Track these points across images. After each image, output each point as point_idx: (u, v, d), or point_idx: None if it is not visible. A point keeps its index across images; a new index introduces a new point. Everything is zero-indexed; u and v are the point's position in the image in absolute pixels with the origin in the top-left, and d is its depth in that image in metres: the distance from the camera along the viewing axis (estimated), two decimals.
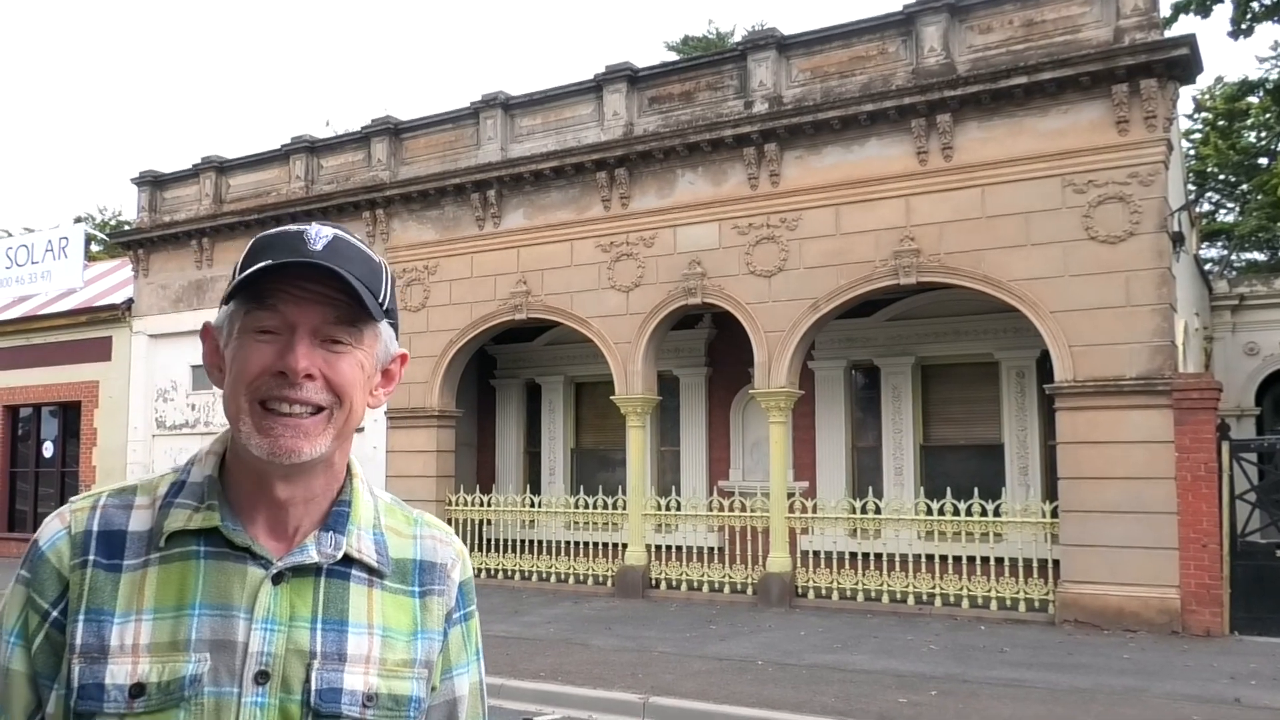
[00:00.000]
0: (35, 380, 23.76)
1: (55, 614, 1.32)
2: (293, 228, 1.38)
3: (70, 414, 23.48)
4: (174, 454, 21.09)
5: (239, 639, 1.30)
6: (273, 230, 1.39)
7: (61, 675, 1.29)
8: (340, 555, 1.39)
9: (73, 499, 1.42)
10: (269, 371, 1.32)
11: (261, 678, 1.29)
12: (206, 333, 1.44)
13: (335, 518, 1.42)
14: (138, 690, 1.26)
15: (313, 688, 1.31)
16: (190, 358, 21.35)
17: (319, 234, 1.36)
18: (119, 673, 1.27)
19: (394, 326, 1.44)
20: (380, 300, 1.38)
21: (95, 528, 1.36)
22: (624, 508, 16.45)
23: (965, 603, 14.00)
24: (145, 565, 1.33)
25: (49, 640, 1.31)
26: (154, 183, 22.50)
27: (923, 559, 14.44)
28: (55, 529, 1.37)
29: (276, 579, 1.34)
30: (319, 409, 1.33)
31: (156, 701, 1.26)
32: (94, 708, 1.26)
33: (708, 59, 17.21)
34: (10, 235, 35.45)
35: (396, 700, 1.37)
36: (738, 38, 27.59)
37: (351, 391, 1.36)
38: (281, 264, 1.31)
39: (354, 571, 1.40)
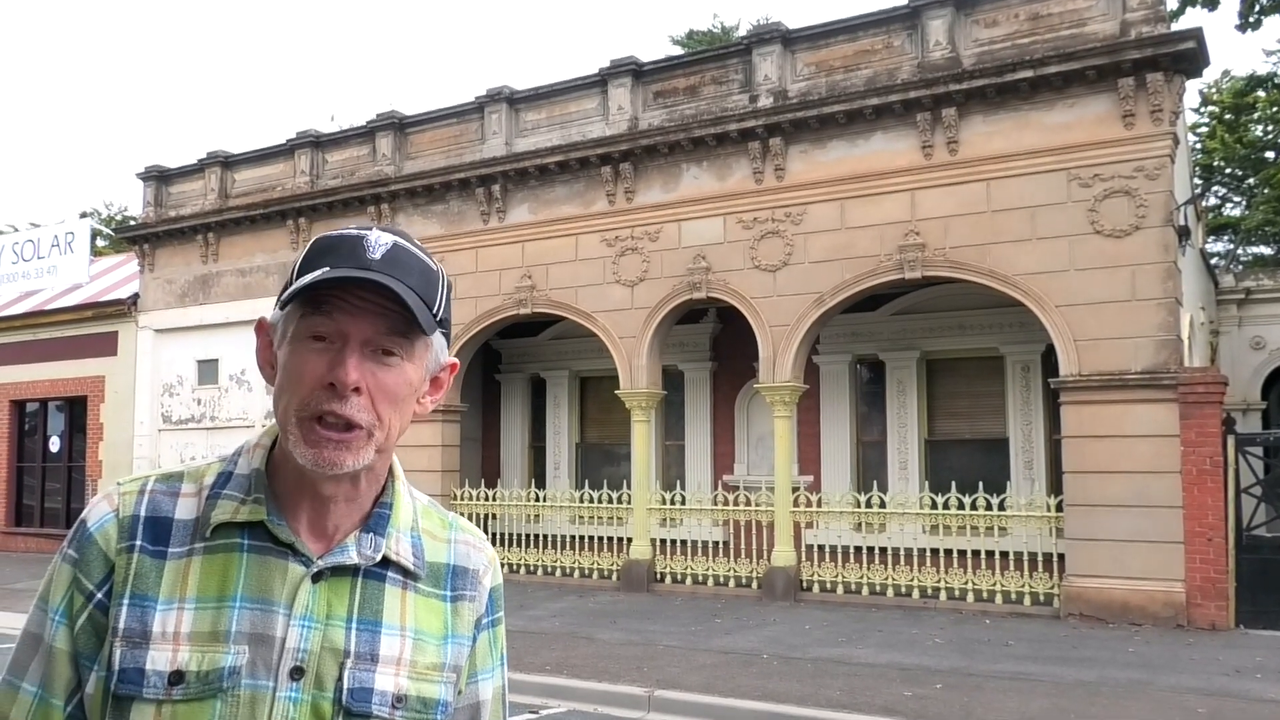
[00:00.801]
0: (41, 375, 23.83)
1: (100, 596, 1.33)
2: (353, 231, 1.38)
3: (76, 409, 23.53)
4: (180, 449, 21.15)
5: (277, 634, 1.31)
6: (334, 233, 1.39)
7: (102, 657, 1.31)
8: (379, 557, 1.41)
9: (119, 481, 1.43)
10: (320, 384, 1.32)
11: (296, 673, 1.31)
12: (261, 328, 1.44)
13: (376, 519, 1.43)
14: (177, 678, 1.28)
15: (345, 686, 1.33)
16: (196, 352, 21.40)
17: (379, 241, 1.36)
18: (160, 659, 1.28)
19: (446, 335, 1.45)
20: (435, 311, 1.38)
21: (143, 513, 1.38)
22: (629, 502, 16.47)
23: (970, 597, 14.01)
24: (190, 554, 1.35)
25: (92, 621, 1.33)
26: (159, 177, 22.53)
27: (928, 553, 14.45)
28: (104, 511, 1.38)
29: (316, 577, 1.36)
30: (354, 425, 1.34)
31: (195, 690, 1.28)
32: (133, 691, 1.28)
33: (712, 53, 17.19)
34: (16, 230, 35.54)
35: (425, 703, 1.39)
36: (742, 32, 27.56)
37: (394, 407, 1.37)
38: (339, 277, 1.32)
39: (390, 573, 1.42)
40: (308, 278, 1.32)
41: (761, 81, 15.63)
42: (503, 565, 17.33)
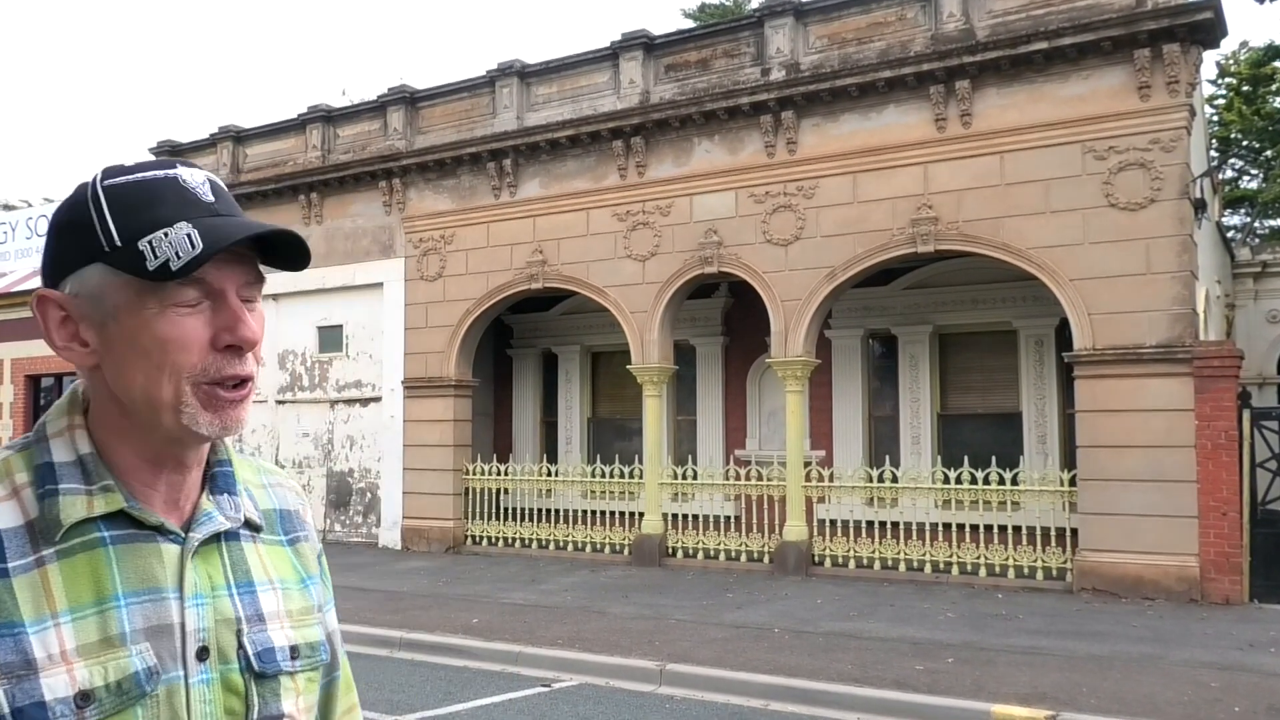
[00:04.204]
0: None
1: None
2: (157, 172, 1.24)
3: None
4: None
5: (175, 620, 1.23)
6: (131, 176, 1.24)
7: None
8: (243, 518, 1.35)
9: None
10: (215, 348, 1.23)
11: (203, 654, 1.25)
12: (46, 303, 1.25)
13: (221, 479, 1.36)
14: (84, 699, 1.15)
15: (249, 652, 1.28)
16: None
17: (196, 179, 1.25)
18: (57, 685, 1.14)
19: None
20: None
21: None
22: (641, 477, 16.49)
23: (982, 571, 14.00)
24: (40, 564, 1.19)
25: None
26: (171, 152, 22.51)
27: (940, 528, 14.44)
28: None
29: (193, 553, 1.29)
30: (252, 379, 1.28)
31: (111, 705, 1.16)
32: None
33: (724, 26, 17.07)
34: (30, 206, 35.60)
35: (312, 648, 1.38)
36: (754, 4, 27.37)
37: (257, 350, 1.29)
38: (247, 236, 1.21)
39: (242, 530, 1.36)
40: (191, 242, 1.18)
41: (774, 54, 15.52)
42: (514, 540, 17.59)
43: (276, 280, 20.14)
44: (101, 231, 1.21)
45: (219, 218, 1.22)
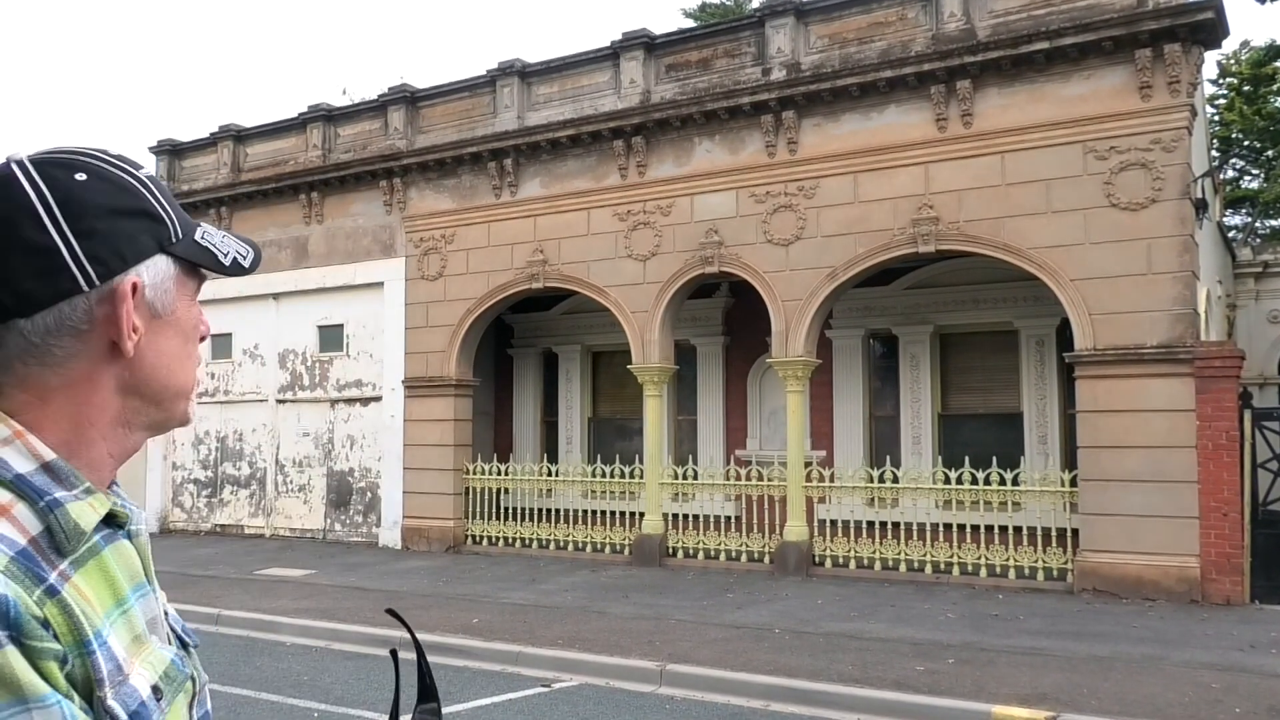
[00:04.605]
0: None
1: (67, 655, 1.07)
2: (138, 175, 1.20)
3: None
4: (193, 423, 21.18)
5: (159, 610, 1.24)
6: (140, 174, 1.20)
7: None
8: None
9: None
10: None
11: (169, 637, 1.25)
12: (137, 293, 1.18)
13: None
14: (155, 693, 1.14)
15: (177, 630, 1.29)
16: (210, 326, 21.41)
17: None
18: (141, 684, 1.13)
19: None
20: None
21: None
22: (641, 477, 16.48)
23: (983, 572, 13.99)
24: (66, 577, 1.10)
25: (74, 688, 1.07)
26: (172, 151, 22.52)
27: (940, 528, 14.43)
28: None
29: None
30: None
31: (169, 695, 1.17)
32: None
33: (725, 26, 17.07)
34: None
35: (182, 622, 1.37)
36: (755, 4, 27.36)
37: None
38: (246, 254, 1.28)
39: None
40: (236, 242, 1.27)
41: (774, 54, 15.51)
42: (515, 540, 17.57)
43: (277, 280, 20.17)
44: (169, 222, 1.20)
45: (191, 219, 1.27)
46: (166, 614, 1.28)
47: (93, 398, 1.18)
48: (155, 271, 1.19)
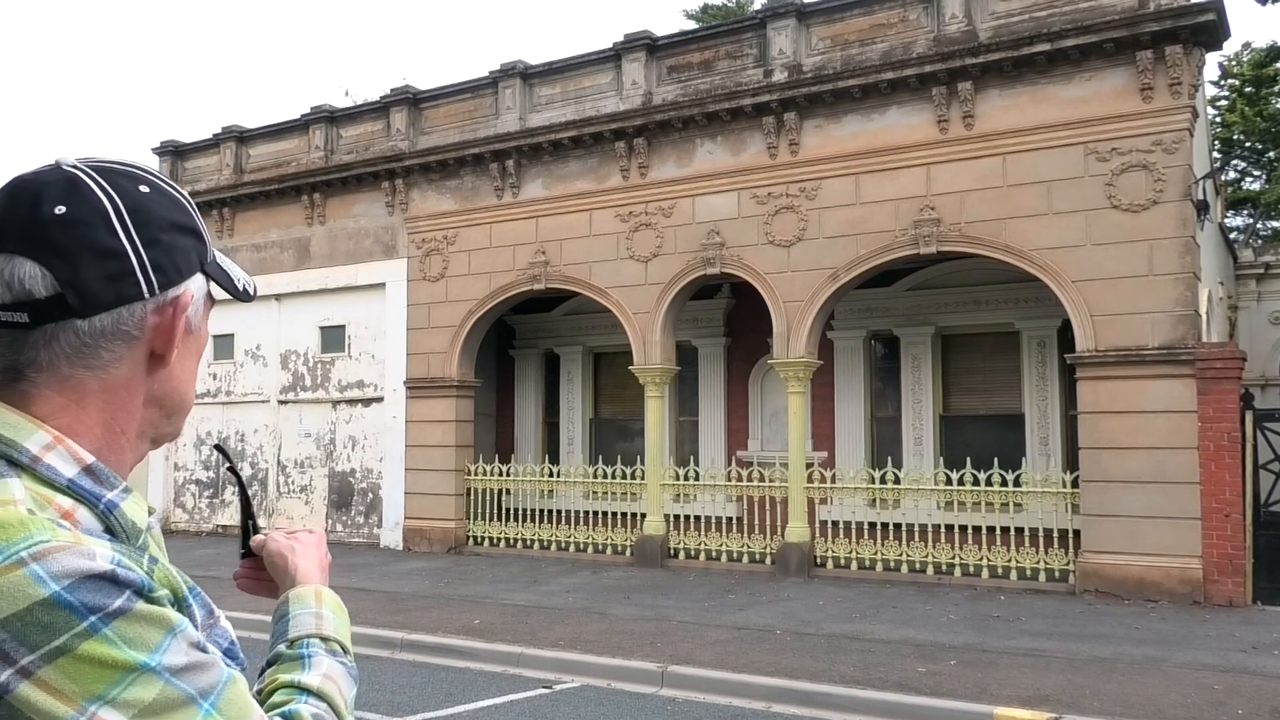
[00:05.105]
0: None
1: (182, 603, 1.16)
2: (186, 193, 1.27)
3: None
4: (195, 423, 21.23)
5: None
6: (185, 193, 1.25)
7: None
8: None
9: (54, 541, 1.05)
10: None
11: None
12: (188, 302, 1.23)
13: None
14: (232, 645, 1.22)
15: None
16: (211, 327, 21.18)
17: None
18: (228, 630, 1.23)
19: None
20: None
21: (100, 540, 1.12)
22: (642, 478, 16.48)
23: (985, 573, 13.99)
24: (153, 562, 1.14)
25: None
26: (175, 152, 22.54)
27: (942, 529, 14.43)
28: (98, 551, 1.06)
29: None
30: None
31: (236, 663, 1.20)
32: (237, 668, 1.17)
33: (727, 27, 17.08)
34: None
35: None
36: (757, 5, 27.37)
37: None
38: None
39: None
40: (240, 274, 1.31)
41: (776, 56, 15.52)
42: (516, 541, 17.59)
43: (280, 280, 20.19)
44: (207, 242, 1.24)
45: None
46: None
47: (127, 405, 1.20)
48: (198, 288, 1.23)
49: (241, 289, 1.31)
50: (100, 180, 1.14)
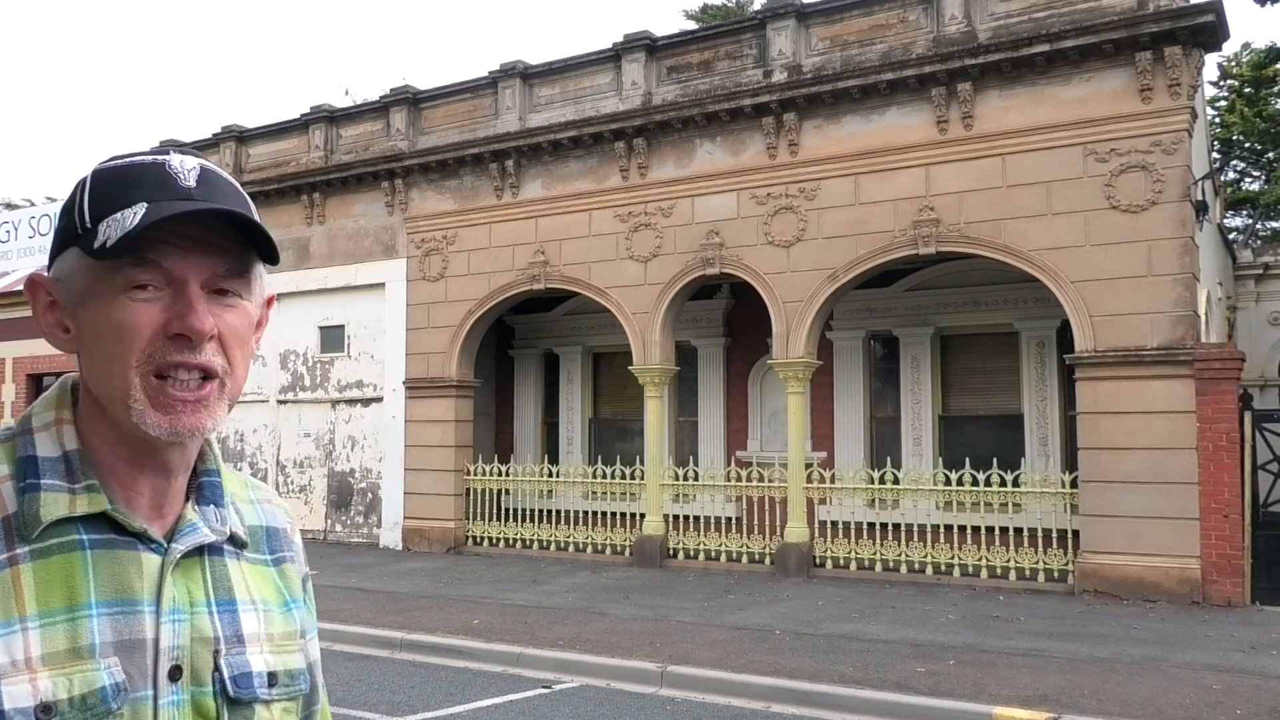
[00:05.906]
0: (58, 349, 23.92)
1: None
2: (147, 157, 1.19)
3: None
4: None
5: (148, 636, 1.15)
6: (120, 163, 1.19)
7: None
8: (228, 531, 1.27)
9: None
10: (162, 336, 1.15)
11: (175, 674, 1.16)
12: (37, 287, 1.21)
13: (209, 489, 1.28)
14: (45, 711, 1.07)
15: (225, 675, 1.20)
16: None
17: (185, 165, 1.18)
18: (19, 694, 1.06)
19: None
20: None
21: None
22: (642, 478, 16.49)
23: (984, 573, 14.00)
24: (13, 562, 1.12)
25: None
26: None
27: (941, 529, 14.44)
28: None
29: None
30: (211, 375, 1.18)
31: (69, 718, 1.09)
32: None
33: (726, 28, 17.08)
34: (33, 205, 35.63)
35: (291, 675, 1.29)
36: (757, 6, 27.38)
37: (242, 351, 1.23)
38: (182, 213, 1.13)
39: (225, 545, 1.28)
40: (135, 219, 1.12)
41: (776, 56, 15.52)
42: (515, 541, 17.60)
43: (278, 280, 20.16)
44: (78, 214, 1.17)
45: (187, 201, 1.15)
46: (219, 653, 1.21)
47: (86, 395, 1.26)
48: (63, 265, 1.25)
49: (101, 244, 1.13)
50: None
